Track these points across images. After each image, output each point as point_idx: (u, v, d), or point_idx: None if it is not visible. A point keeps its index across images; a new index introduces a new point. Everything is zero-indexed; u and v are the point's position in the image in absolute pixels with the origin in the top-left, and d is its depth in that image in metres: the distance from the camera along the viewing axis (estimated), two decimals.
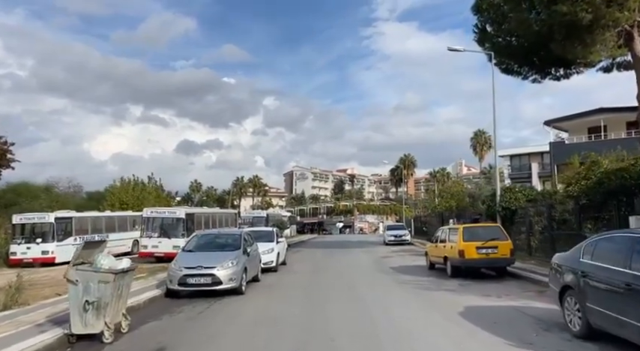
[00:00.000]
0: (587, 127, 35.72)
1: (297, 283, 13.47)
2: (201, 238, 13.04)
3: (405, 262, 19.64)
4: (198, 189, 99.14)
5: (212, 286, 10.85)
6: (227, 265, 11.17)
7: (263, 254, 16.08)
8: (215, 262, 11.18)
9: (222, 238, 13.13)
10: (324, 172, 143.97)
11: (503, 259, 13.40)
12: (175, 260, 11.51)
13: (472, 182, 40.98)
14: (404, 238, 33.78)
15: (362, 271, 16.85)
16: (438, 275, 14.62)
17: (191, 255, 11.79)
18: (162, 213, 26.26)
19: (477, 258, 13.29)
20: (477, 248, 13.30)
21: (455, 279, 13.52)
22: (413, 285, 12.57)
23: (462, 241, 13.50)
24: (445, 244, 14.62)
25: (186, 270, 10.92)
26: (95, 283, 6.81)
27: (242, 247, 12.28)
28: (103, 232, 28.46)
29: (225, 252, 11.89)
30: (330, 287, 12.51)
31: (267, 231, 18.89)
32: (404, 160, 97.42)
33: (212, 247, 12.42)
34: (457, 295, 10.64)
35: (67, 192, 55.52)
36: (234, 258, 11.48)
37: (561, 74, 25.72)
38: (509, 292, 10.82)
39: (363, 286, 12.51)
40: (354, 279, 14.30)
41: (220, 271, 10.97)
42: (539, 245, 17.45)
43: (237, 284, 11.16)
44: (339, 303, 9.98)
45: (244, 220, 44.14)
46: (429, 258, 16.66)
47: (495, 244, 13.38)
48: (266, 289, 12.49)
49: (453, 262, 13.89)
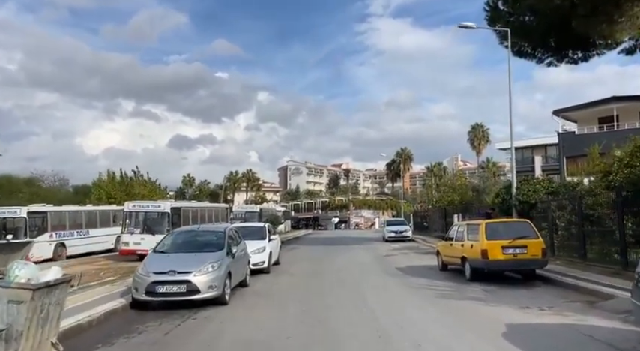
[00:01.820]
0: (598, 117, 33.91)
1: (292, 289, 11.47)
2: (178, 235, 10.99)
3: (412, 262, 17.70)
4: (191, 183, 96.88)
5: (187, 295, 8.83)
6: (206, 269, 9.14)
7: (253, 254, 14.10)
8: (192, 265, 9.15)
9: (202, 236, 11.05)
10: (319, 167, 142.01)
11: (533, 261, 11.43)
12: (143, 263, 9.46)
13: (474, 176, 39.09)
14: (405, 234, 31.84)
15: (365, 272, 14.86)
16: (455, 278, 12.66)
17: (163, 257, 9.75)
18: (146, 207, 24.33)
19: (503, 259, 11.32)
20: (502, 248, 11.33)
21: (476, 283, 11.57)
22: (429, 291, 10.60)
23: (484, 240, 11.52)
24: (463, 243, 12.65)
25: (156, 275, 8.88)
26: (3, 303, 4.78)
27: (226, 246, 10.24)
28: (84, 227, 26.45)
29: (205, 253, 9.85)
30: (331, 295, 10.51)
31: (257, 227, 16.86)
32: (401, 154, 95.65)
33: (190, 246, 10.36)
34: (488, 306, 8.68)
35: (53, 186, 53.47)
36: (215, 260, 9.46)
37: (579, 57, 23.78)
38: (550, 303, 8.86)
39: (370, 293, 10.51)
40: (359, 283, 12.31)
41: (198, 276, 8.95)
42: (562, 243, 15.54)
43: (218, 292, 9.14)
44: (344, 318, 7.97)
45: (236, 216, 42.09)
46: (441, 258, 14.71)
47: (524, 242, 11.41)
48: (255, 297, 10.47)
49: (473, 263, 11.93)
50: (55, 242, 23.93)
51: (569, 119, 35.63)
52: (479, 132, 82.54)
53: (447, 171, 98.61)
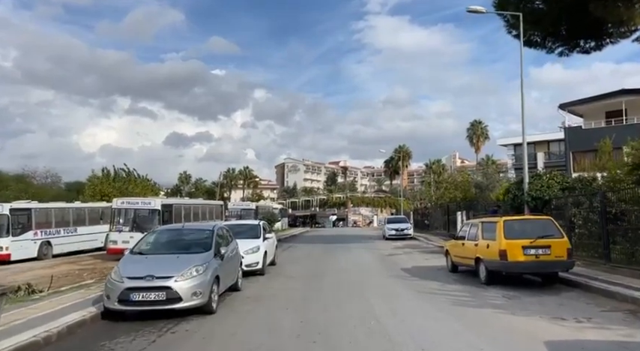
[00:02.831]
0: (605, 111, 32.78)
1: (288, 295, 10.26)
2: (160, 235, 9.71)
3: (417, 262, 16.54)
4: (187, 180, 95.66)
5: (167, 304, 7.61)
6: (190, 273, 7.93)
7: (246, 254, 12.94)
8: (173, 269, 7.93)
9: (187, 236, 9.78)
10: (317, 164, 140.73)
11: (558, 263, 10.25)
12: (117, 267, 8.22)
13: (477, 173, 37.98)
14: (406, 232, 30.65)
15: (368, 274, 13.66)
16: (468, 281, 11.49)
17: (140, 259, 8.50)
18: (135, 204, 23.29)
19: (524, 261, 10.14)
20: (523, 248, 10.16)
21: (493, 288, 10.41)
22: (443, 297, 9.42)
23: (503, 239, 10.34)
24: (477, 243, 11.46)
25: (130, 281, 7.65)
26: None
27: (214, 246, 9.01)
28: (71, 225, 25.30)
29: (190, 255, 8.62)
30: (333, 302, 9.31)
31: (251, 225, 15.64)
32: (399, 150, 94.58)
33: (172, 247, 9.11)
34: (515, 317, 7.49)
35: (45, 183, 52.32)
36: (201, 263, 8.25)
37: (592, 46, 22.65)
38: (585, 312, 7.69)
39: (377, 300, 9.32)
40: (363, 287, 11.12)
41: (180, 282, 7.73)
42: (581, 242, 14.37)
43: (204, 300, 7.93)
44: (349, 333, 6.77)
45: (231, 213, 40.90)
46: (450, 258, 13.53)
47: (547, 242, 10.23)
48: (247, 304, 9.26)
49: (489, 265, 10.75)
50: (40, 241, 22.84)
51: (575, 113, 34.49)
52: (478, 129, 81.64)
53: (445, 168, 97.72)
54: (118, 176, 38.43)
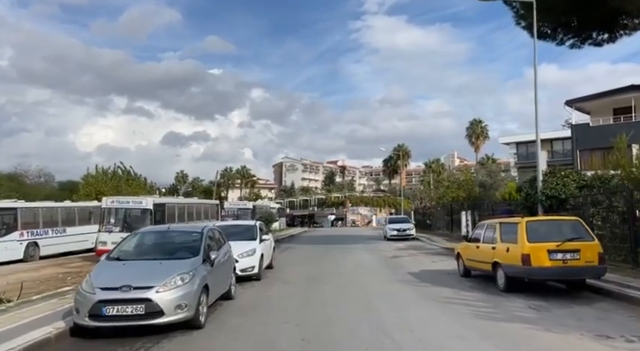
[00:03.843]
0: (613, 107, 31.78)
1: (287, 304, 9.18)
2: (142, 238, 8.59)
3: (424, 265, 15.48)
4: (184, 180, 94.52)
5: (147, 318, 6.53)
6: (174, 282, 6.85)
7: (241, 258, 11.87)
8: (154, 277, 6.85)
9: (173, 239, 8.69)
10: (315, 164, 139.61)
11: (588, 269, 9.18)
12: (89, 275, 7.13)
13: (481, 171, 36.98)
14: (408, 232, 29.54)
15: (373, 279, 12.57)
16: (484, 288, 10.43)
17: (117, 267, 7.41)
18: (126, 203, 22.37)
19: (550, 266, 9.09)
20: (548, 252, 9.10)
21: (515, 296, 9.35)
22: (461, 308, 8.36)
23: (526, 242, 9.29)
24: (494, 246, 10.40)
25: (103, 293, 6.57)
26: None
27: (202, 251, 7.92)
28: (60, 225, 24.25)
29: (175, 261, 7.53)
30: (337, 314, 8.24)
31: (247, 226, 14.54)
32: (398, 150, 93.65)
33: (155, 252, 8.03)
34: (552, 334, 6.43)
35: (37, 182, 51.25)
36: (187, 270, 7.17)
37: (605, 38, 21.64)
38: (632, 330, 6.62)
39: (388, 311, 8.24)
40: (369, 294, 10.06)
41: (161, 293, 6.65)
42: (603, 245, 13.32)
43: (189, 313, 6.85)
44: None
45: (228, 212, 39.83)
46: (462, 262, 12.47)
47: (576, 245, 9.18)
48: (241, 315, 8.18)
49: (509, 271, 9.70)
50: (27, 242, 21.79)
51: (582, 110, 33.48)
52: (477, 128, 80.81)
53: (444, 168, 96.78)
54: (116, 175, 37.47)
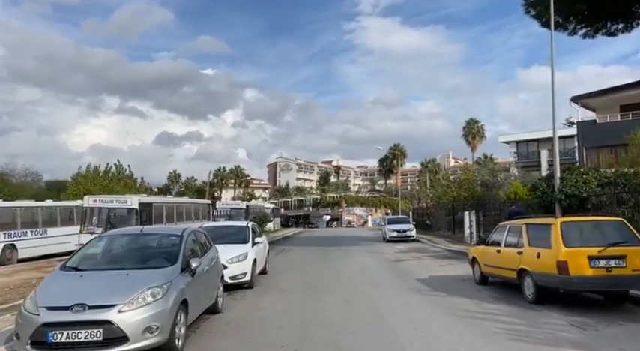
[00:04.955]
0: (620, 104, 30.64)
1: (283, 319, 7.78)
2: (109, 242, 7.18)
3: (432, 270, 14.13)
4: (177, 180, 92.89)
5: (105, 346, 5.10)
6: (143, 298, 5.46)
7: (231, 263, 10.51)
8: (118, 292, 5.46)
9: (146, 243, 7.23)
10: (309, 164, 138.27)
11: (637, 278, 7.85)
12: (34, 291, 5.71)
13: (482, 170, 35.80)
14: (408, 233, 28.24)
15: (380, 287, 11.18)
16: (509, 298, 9.08)
17: (72, 278, 5.99)
18: (109, 202, 21.10)
19: (592, 275, 7.75)
20: (589, 258, 7.79)
21: (548, 309, 8.03)
22: (490, 324, 7.02)
23: (562, 247, 7.96)
24: (520, 250, 9.06)
25: (50, 313, 5.15)
26: None
27: (181, 258, 6.53)
28: (40, 226, 22.80)
29: (145, 271, 6.12)
30: (345, 332, 6.84)
31: (238, 227, 13.12)
32: (394, 149, 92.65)
33: (123, 260, 6.61)
34: None
35: (24, 181, 49.76)
36: (160, 283, 5.76)
37: (619, 28, 20.50)
38: None
39: (404, 329, 6.85)
40: (378, 307, 8.67)
41: (126, 312, 5.25)
42: None
43: (162, 337, 5.44)
44: None
45: (220, 213, 38.36)
46: (479, 267, 11.14)
47: (622, 251, 7.85)
48: (227, 335, 6.78)
49: (541, 279, 8.36)
50: (3, 243, 20.33)
51: (588, 107, 32.30)
52: (474, 128, 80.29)
53: (440, 168, 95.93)
54: (107, 174, 36.12)
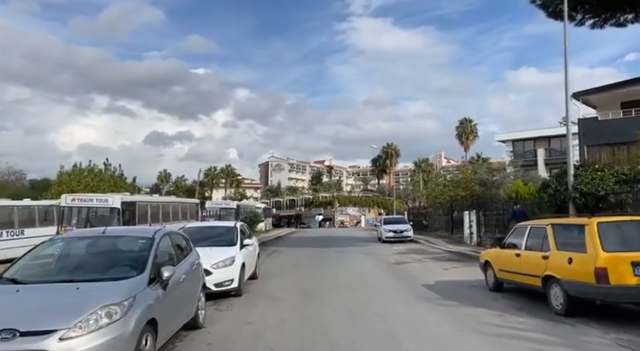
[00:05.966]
0: (621, 101, 29.78)
1: (276, 340, 6.54)
2: (64, 247, 5.89)
3: (436, 274, 12.98)
4: (167, 179, 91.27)
5: None
6: (94, 320, 4.22)
7: (216, 269, 9.31)
8: (62, 313, 4.22)
9: (107, 248, 5.90)
10: (301, 163, 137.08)
11: None
12: None
13: (481, 169, 34.85)
14: (405, 234, 27.16)
15: (385, 295, 9.98)
16: (533, 310, 7.94)
17: (6, 295, 4.73)
18: (89, 201, 19.89)
19: (637, 285, 6.66)
20: (633, 265, 6.68)
21: (580, 322, 6.92)
22: (521, 344, 5.87)
23: (601, 251, 6.83)
24: (546, 254, 7.91)
25: None
26: None
27: (149, 267, 5.28)
28: (16, 226, 21.44)
29: (102, 284, 4.88)
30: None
31: (225, 228, 11.84)
32: (387, 148, 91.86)
33: (76, 270, 5.34)
34: None
35: (7, 180, 48.24)
36: (119, 300, 4.51)
37: (629, 18, 19.53)
38: None
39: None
40: (387, 322, 7.44)
41: (72, 340, 4.01)
42: None
43: None
44: None
45: (210, 212, 36.99)
46: (493, 272, 10.00)
47: None
48: None
49: (573, 289, 7.22)
50: None
51: (589, 103, 31.42)
52: (467, 127, 79.80)
53: (433, 167, 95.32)
54: (92, 172, 34.75)
